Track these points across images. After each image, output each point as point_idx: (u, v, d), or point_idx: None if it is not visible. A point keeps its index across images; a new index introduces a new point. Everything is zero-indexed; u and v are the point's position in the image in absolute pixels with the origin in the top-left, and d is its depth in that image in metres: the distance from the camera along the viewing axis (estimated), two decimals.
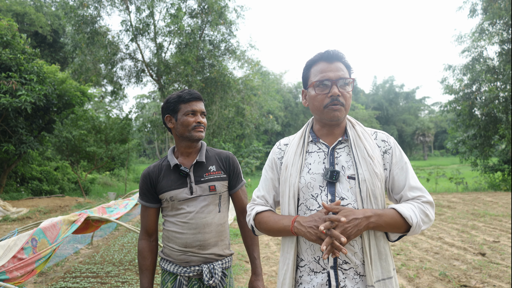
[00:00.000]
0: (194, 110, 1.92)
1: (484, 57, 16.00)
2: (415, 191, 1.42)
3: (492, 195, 13.77)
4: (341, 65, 1.48)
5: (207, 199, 1.92)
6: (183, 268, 1.87)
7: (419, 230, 1.37)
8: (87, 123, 16.36)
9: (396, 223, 1.35)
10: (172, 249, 1.91)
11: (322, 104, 1.46)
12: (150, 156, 54.79)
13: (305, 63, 1.56)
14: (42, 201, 12.64)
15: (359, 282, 1.38)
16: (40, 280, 4.82)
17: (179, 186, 1.90)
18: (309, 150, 1.54)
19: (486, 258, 5.50)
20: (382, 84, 61.73)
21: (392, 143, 1.50)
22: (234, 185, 2.01)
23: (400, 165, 1.46)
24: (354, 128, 1.53)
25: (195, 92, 1.93)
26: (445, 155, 59.06)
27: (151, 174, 1.95)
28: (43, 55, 21.11)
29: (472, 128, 16.59)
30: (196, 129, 1.91)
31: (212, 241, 1.91)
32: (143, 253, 1.95)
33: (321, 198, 1.41)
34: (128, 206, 5.13)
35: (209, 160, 1.99)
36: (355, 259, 1.37)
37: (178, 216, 1.91)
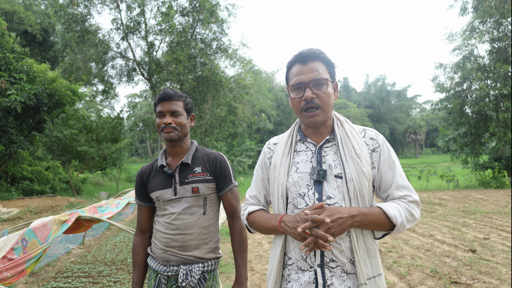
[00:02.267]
0: (161, 111, 1.90)
1: (475, 55, 16.13)
2: (402, 190, 1.43)
3: (483, 192, 13.94)
4: (317, 64, 1.46)
5: (189, 201, 1.90)
6: (164, 267, 1.89)
7: (403, 229, 1.39)
8: (78, 123, 16.20)
9: (380, 222, 1.36)
10: (156, 246, 1.94)
11: (299, 107, 1.47)
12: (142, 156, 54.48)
13: (286, 65, 1.57)
14: (33, 201, 12.50)
15: (347, 280, 1.39)
16: (32, 280, 4.77)
17: (164, 186, 1.92)
18: (297, 149, 1.55)
19: (476, 255, 5.56)
20: (374, 82, 62.10)
21: (380, 141, 1.50)
22: (222, 188, 1.98)
23: (388, 164, 1.46)
24: (342, 126, 1.53)
25: (166, 92, 1.91)
26: (436, 153, 59.59)
27: (143, 174, 2.01)
28: (32, 54, 20.85)
29: (463, 126, 16.73)
30: (164, 130, 1.90)
31: (194, 243, 1.89)
32: (136, 249, 2.01)
33: (308, 197, 1.42)
34: (119, 206, 5.11)
35: (196, 161, 1.96)
36: (342, 257, 1.38)
37: (164, 216, 1.93)
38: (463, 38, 16.04)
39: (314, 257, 1.40)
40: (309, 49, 1.48)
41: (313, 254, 1.40)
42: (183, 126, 1.94)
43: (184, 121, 1.94)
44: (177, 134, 1.91)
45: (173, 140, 1.91)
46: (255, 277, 4.71)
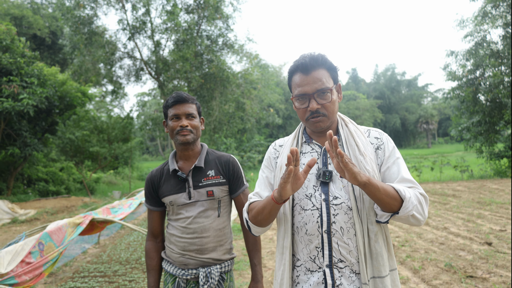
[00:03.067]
0: (177, 114, 1.90)
1: (488, 41, 15.71)
2: (407, 183, 1.40)
3: (498, 182, 13.64)
4: (320, 72, 1.44)
5: (205, 204, 1.91)
6: (182, 271, 1.90)
7: (412, 211, 1.30)
8: (89, 124, 16.42)
9: (389, 191, 1.29)
10: (172, 250, 1.94)
11: (304, 116, 1.49)
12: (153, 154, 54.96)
13: (288, 70, 1.56)
14: (49, 202, 12.75)
15: (355, 280, 1.39)
16: (50, 280, 4.87)
17: (178, 191, 1.92)
18: (302, 151, 1.56)
19: (492, 247, 5.42)
20: (383, 72, 61.15)
21: (384, 139, 1.51)
22: (235, 190, 1.99)
23: (392, 160, 1.46)
24: (347, 126, 1.54)
25: (180, 95, 1.91)
26: (449, 142, 58.73)
27: (153, 178, 1.99)
28: (42, 58, 21.10)
29: (476, 114, 16.38)
30: (180, 133, 1.89)
31: (211, 246, 1.91)
32: (150, 253, 2.01)
33: (315, 198, 1.43)
34: (132, 206, 5.17)
35: (208, 165, 1.97)
36: (350, 257, 1.39)
37: (178, 220, 1.94)
38: (475, 24, 15.63)
39: (323, 257, 1.40)
40: (310, 57, 1.45)
41: (321, 254, 1.40)
42: (198, 129, 1.95)
43: (198, 124, 1.95)
44: (193, 137, 1.91)
45: (188, 143, 1.91)
46: (267, 274, 4.73)
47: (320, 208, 1.41)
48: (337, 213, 1.40)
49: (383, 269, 1.39)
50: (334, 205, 1.40)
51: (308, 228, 1.43)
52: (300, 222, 1.46)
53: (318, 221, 1.40)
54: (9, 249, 2.86)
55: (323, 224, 1.40)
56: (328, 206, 1.40)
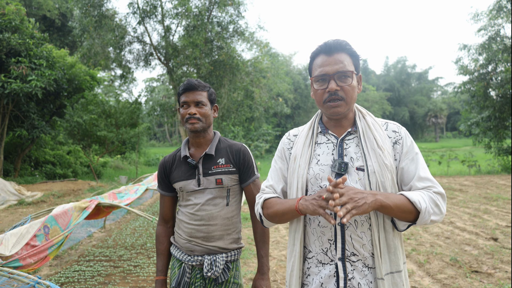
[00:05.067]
0: (186, 101, 1.90)
1: (501, 35, 15.46)
2: (425, 182, 1.38)
3: (506, 178, 13.56)
4: (343, 55, 1.43)
5: (213, 192, 1.91)
6: (188, 256, 1.92)
7: (429, 219, 1.32)
8: (97, 108, 16.46)
9: (404, 206, 1.30)
10: (180, 236, 1.96)
11: (322, 99, 1.45)
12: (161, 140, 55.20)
13: (310, 55, 1.54)
14: (56, 185, 12.87)
15: (368, 274, 1.37)
16: (56, 263, 4.93)
17: (188, 177, 1.93)
18: (318, 141, 1.53)
19: (498, 243, 5.42)
20: (394, 64, 60.51)
21: (403, 133, 1.47)
22: (245, 179, 1.98)
23: (410, 156, 1.42)
24: (364, 118, 1.50)
25: (190, 82, 1.90)
26: (457, 136, 58.22)
27: (165, 164, 2.01)
28: (52, 39, 21.09)
29: (486, 109, 16.22)
30: (189, 121, 1.89)
31: (217, 234, 1.91)
32: (160, 238, 2.04)
33: None
34: (138, 192, 5.18)
35: (219, 153, 1.96)
36: (364, 251, 1.37)
37: (187, 207, 1.95)
38: (489, 18, 15.36)
39: (335, 250, 1.38)
40: (335, 40, 1.45)
41: (334, 247, 1.39)
42: (208, 117, 1.93)
43: (208, 111, 1.93)
44: (202, 125, 1.90)
45: (198, 131, 1.91)
46: (272, 263, 4.74)
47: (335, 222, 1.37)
48: None
49: (400, 263, 1.39)
50: None
51: (321, 220, 1.42)
52: None
53: (332, 213, 1.37)
54: (14, 231, 2.88)
55: (336, 217, 1.37)
56: None
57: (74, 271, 4.52)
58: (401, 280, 1.37)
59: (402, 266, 1.39)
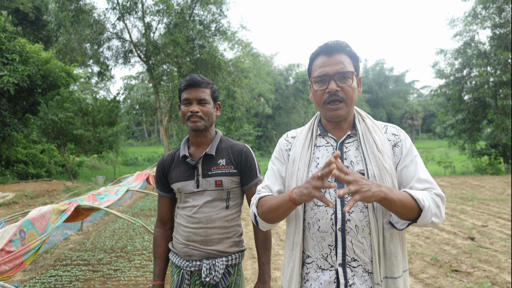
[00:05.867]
0: (188, 98, 1.81)
1: (476, 41, 16.02)
2: (425, 183, 1.35)
3: (479, 179, 14.03)
4: (343, 56, 1.41)
5: (212, 194, 1.82)
6: (186, 262, 1.83)
7: (430, 218, 1.27)
8: (73, 105, 15.98)
9: (408, 202, 1.24)
10: (177, 241, 1.87)
11: (322, 99, 1.42)
12: (139, 139, 54.33)
13: (309, 56, 1.51)
14: (29, 185, 12.40)
15: (368, 279, 1.35)
16: (30, 268, 4.72)
17: (187, 178, 1.85)
18: (317, 144, 1.49)
19: (475, 242, 5.59)
20: (372, 67, 61.73)
21: (402, 136, 1.45)
22: (247, 182, 1.88)
23: (409, 158, 1.41)
24: (364, 121, 1.48)
25: (192, 78, 1.81)
26: (432, 138, 59.91)
27: (164, 163, 1.93)
28: (25, 34, 20.33)
29: (461, 112, 16.76)
30: (190, 119, 1.80)
31: (216, 237, 1.82)
32: (157, 241, 1.96)
33: (329, 194, 1.37)
34: (119, 193, 5.01)
35: (220, 153, 1.88)
36: (364, 257, 1.35)
37: (185, 209, 1.86)
38: (465, 24, 15.89)
39: (336, 256, 1.36)
40: (335, 40, 1.43)
41: (335, 253, 1.36)
42: (210, 115, 1.84)
43: (211, 110, 1.84)
44: (204, 124, 1.81)
45: (199, 130, 1.82)
46: None
47: (334, 204, 1.35)
48: (352, 210, 1.34)
49: (396, 270, 1.35)
50: None
51: (321, 225, 1.38)
52: (312, 218, 1.40)
53: (332, 218, 1.35)
54: None
55: (337, 222, 1.34)
56: (343, 203, 1.34)
57: (50, 276, 4.33)
58: (395, 286, 1.33)
59: (399, 273, 1.35)
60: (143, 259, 4.97)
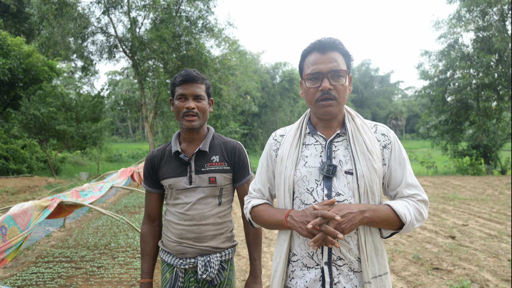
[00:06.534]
0: (184, 94, 1.77)
1: (460, 43, 16.30)
2: (411, 189, 1.40)
3: (460, 179, 14.33)
4: (336, 54, 1.41)
5: (206, 191, 1.81)
6: (179, 260, 1.81)
7: (412, 228, 1.36)
8: (56, 100, 15.66)
9: (390, 220, 1.33)
10: (169, 239, 1.84)
11: (314, 97, 1.41)
12: (123, 135, 53.64)
13: (301, 52, 1.50)
14: (10, 181, 12.13)
15: (354, 278, 1.36)
16: (10, 265, 4.63)
17: (179, 174, 1.81)
18: (306, 142, 1.49)
19: (456, 241, 5.71)
20: (358, 67, 62.28)
21: (392, 137, 1.46)
22: (239, 179, 1.88)
23: (398, 161, 1.42)
24: (353, 120, 1.48)
25: (189, 73, 1.77)
26: (415, 138, 60.83)
27: (154, 158, 1.88)
28: (6, 26, 19.82)
29: (444, 113, 17.03)
30: (186, 116, 1.77)
31: (210, 234, 1.81)
32: (145, 238, 1.92)
33: (317, 193, 1.37)
34: (103, 190, 4.95)
35: (213, 150, 1.86)
36: (350, 256, 1.35)
37: (177, 206, 1.83)
38: (449, 26, 16.15)
39: (322, 254, 1.36)
40: (328, 38, 1.42)
41: (320, 251, 1.36)
42: (205, 112, 1.82)
43: (206, 106, 1.83)
44: (200, 122, 1.80)
45: (191, 129, 1.79)
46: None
47: None
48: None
49: (387, 265, 1.40)
50: (336, 202, 1.35)
51: None
52: None
53: None
54: None
55: None
56: None
57: (31, 273, 4.24)
58: (387, 281, 1.38)
59: (387, 268, 1.40)
60: (127, 256, 4.91)
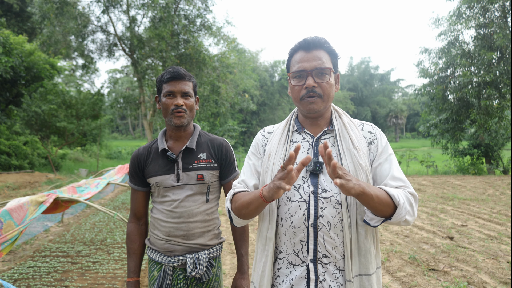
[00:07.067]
0: (172, 91, 1.77)
1: (460, 41, 16.11)
2: (398, 181, 1.38)
3: (461, 178, 14.15)
4: (321, 52, 1.42)
5: (193, 188, 1.82)
6: (168, 258, 1.81)
7: (404, 216, 1.28)
8: (57, 98, 15.75)
9: (384, 198, 1.26)
10: (157, 237, 1.84)
11: (299, 95, 1.43)
12: (123, 132, 53.72)
13: (288, 51, 1.52)
14: (11, 176, 12.20)
15: (339, 276, 1.35)
16: (8, 258, 4.68)
17: (166, 172, 1.81)
18: (293, 139, 1.50)
19: (454, 242, 5.58)
20: (358, 65, 62.04)
21: (378, 134, 1.47)
22: (226, 176, 1.90)
23: (384, 156, 1.43)
24: (340, 118, 1.49)
25: (177, 70, 1.77)
26: (416, 137, 60.57)
27: (140, 156, 1.87)
28: (9, 25, 19.88)
29: (444, 112, 16.84)
30: (175, 113, 1.77)
31: (198, 231, 1.82)
32: (131, 236, 1.91)
33: (303, 190, 1.37)
34: (99, 186, 4.98)
35: (200, 147, 1.86)
36: (336, 253, 1.35)
37: (164, 203, 1.83)
38: (449, 23, 15.96)
39: (307, 251, 1.35)
40: (314, 36, 1.43)
41: (306, 249, 1.36)
42: (193, 109, 1.83)
43: (193, 103, 1.84)
44: (188, 120, 1.80)
45: (179, 127, 1.80)
46: None
47: (307, 200, 1.35)
48: (325, 206, 1.34)
49: (370, 267, 1.36)
50: (322, 198, 1.35)
51: (294, 220, 1.38)
52: (285, 214, 1.40)
53: (305, 214, 1.35)
54: None
55: (309, 217, 1.34)
56: (317, 199, 1.35)
57: (28, 267, 4.29)
58: (369, 284, 1.35)
59: (373, 270, 1.37)
60: (122, 252, 4.95)
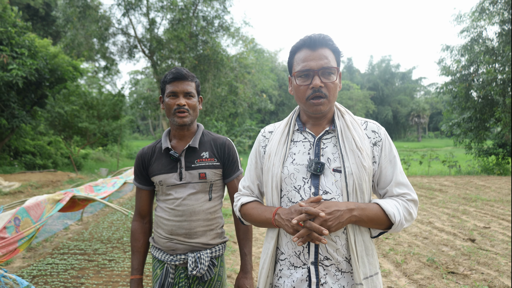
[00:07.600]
0: (174, 91, 1.79)
1: (484, 37, 15.64)
2: (402, 188, 1.37)
3: (485, 179, 13.70)
4: (327, 51, 1.37)
5: (196, 187, 1.83)
6: (170, 256, 1.82)
7: (401, 228, 1.34)
8: (79, 99, 16.19)
9: (378, 219, 1.30)
10: (159, 235, 1.86)
11: (304, 95, 1.38)
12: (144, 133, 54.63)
13: (290, 49, 1.47)
14: (35, 175, 12.60)
15: (341, 279, 1.33)
16: (29, 255, 4.82)
17: (169, 170, 1.83)
18: (294, 139, 1.47)
19: (475, 244, 5.40)
20: (378, 63, 60.93)
21: (382, 134, 1.43)
22: (229, 174, 1.91)
23: (389, 159, 1.39)
24: (343, 117, 1.45)
25: (179, 71, 1.79)
26: (439, 137, 59.12)
27: (144, 156, 1.91)
28: (35, 29, 20.56)
29: (468, 110, 16.42)
30: (177, 113, 1.79)
31: (200, 230, 1.83)
32: (135, 234, 1.93)
33: (304, 191, 1.35)
34: (116, 185, 5.08)
35: (203, 146, 1.88)
36: (337, 256, 1.33)
37: (167, 202, 1.85)
38: (472, 20, 15.53)
39: (308, 254, 1.34)
40: (319, 34, 1.38)
41: (307, 251, 1.34)
42: (196, 109, 1.85)
43: (196, 103, 1.86)
44: (191, 119, 1.82)
45: (182, 126, 1.82)
46: None
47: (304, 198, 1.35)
48: None
49: (377, 264, 1.38)
50: (323, 200, 1.32)
51: None
52: None
53: None
54: None
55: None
56: None
57: (47, 264, 4.41)
58: (378, 281, 1.35)
59: (378, 267, 1.38)
60: None
